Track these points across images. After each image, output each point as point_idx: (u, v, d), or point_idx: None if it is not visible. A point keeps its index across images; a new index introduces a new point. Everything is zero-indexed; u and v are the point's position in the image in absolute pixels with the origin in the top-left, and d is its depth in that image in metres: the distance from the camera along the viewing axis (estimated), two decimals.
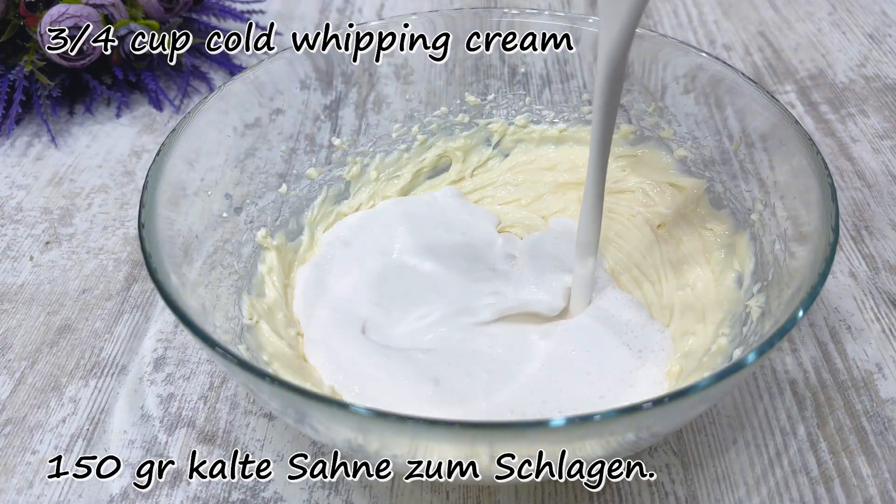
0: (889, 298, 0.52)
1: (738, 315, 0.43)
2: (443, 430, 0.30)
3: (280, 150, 0.52)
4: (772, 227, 0.44)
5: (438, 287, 0.48)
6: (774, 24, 0.80)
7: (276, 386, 0.32)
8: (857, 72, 0.73)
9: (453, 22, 0.54)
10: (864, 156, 0.63)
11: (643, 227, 0.51)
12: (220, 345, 0.33)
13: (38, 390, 0.47)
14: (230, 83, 0.48)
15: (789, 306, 0.36)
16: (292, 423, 0.36)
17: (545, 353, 0.44)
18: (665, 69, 0.51)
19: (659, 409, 0.31)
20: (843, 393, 0.46)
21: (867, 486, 0.42)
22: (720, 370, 0.32)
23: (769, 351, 0.33)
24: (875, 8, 0.82)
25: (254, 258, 0.48)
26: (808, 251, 0.38)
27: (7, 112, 0.66)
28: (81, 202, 0.61)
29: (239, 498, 0.42)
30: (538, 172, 0.56)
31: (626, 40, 0.36)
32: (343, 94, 0.54)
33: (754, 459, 0.43)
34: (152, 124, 0.69)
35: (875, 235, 0.56)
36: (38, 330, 0.51)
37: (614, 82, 0.38)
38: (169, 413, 0.46)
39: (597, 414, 0.30)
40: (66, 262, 0.56)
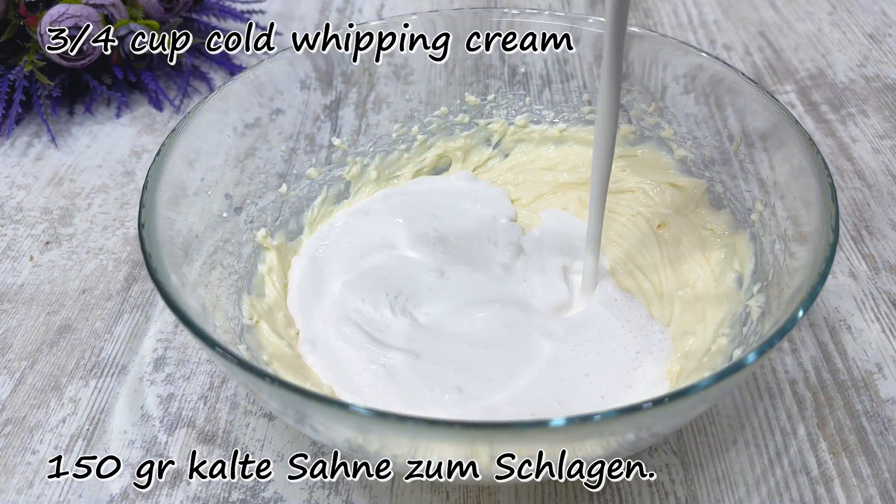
0: (889, 298, 0.52)
1: (738, 315, 0.43)
2: (443, 430, 0.30)
3: (280, 150, 0.52)
4: (772, 227, 0.44)
5: (439, 283, 0.48)
6: (774, 24, 0.80)
7: (276, 386, 0.32)
8: (858, 72, 0.73)
9: (453, 22, 0.54)
10: (864, 156, 0.63)
11: (643, 227, 0.51)
12: (220, 345, 0.33)
13: (38, 390, 0.47)
14: (230, 83, 0.48)
15: (789, 306, 0.36)
16: (292, 423, 0.36)
17: (546, 353, 0.44)
18: (665, 69, 0.51)
19: (659, 409, 0.31)
20: (843, 393, 0.46)
21: (867, 486, 0.42)
22: (720, 370, 0.32)
23: (769, 351, 0.33)
24: (875, 8, 0.82)
25: (254, 258, 0.48)
26: (808, 251, 0.38)
27: (7, 112, 0.66)
28: (81, 202, 0.61)
29: (239, 498, 0.42)
30: (538, 172, 0.56)
31: (618, 29, 0.37)
32: (343, 94, 0.54)
33: (754, 459, 0.43)
34: (152, 124, 0.69)
35: (875, 235, 0.56)
36: (38, 330, 0.51)
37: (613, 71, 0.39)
38: (169, 413, 0.46)
39: (597, 414, 0.30)
40: (66, 262, 0.56)
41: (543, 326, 0.45)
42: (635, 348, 0.44)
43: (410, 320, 0.46)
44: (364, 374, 0.43)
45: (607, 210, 0.53)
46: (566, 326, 0.45)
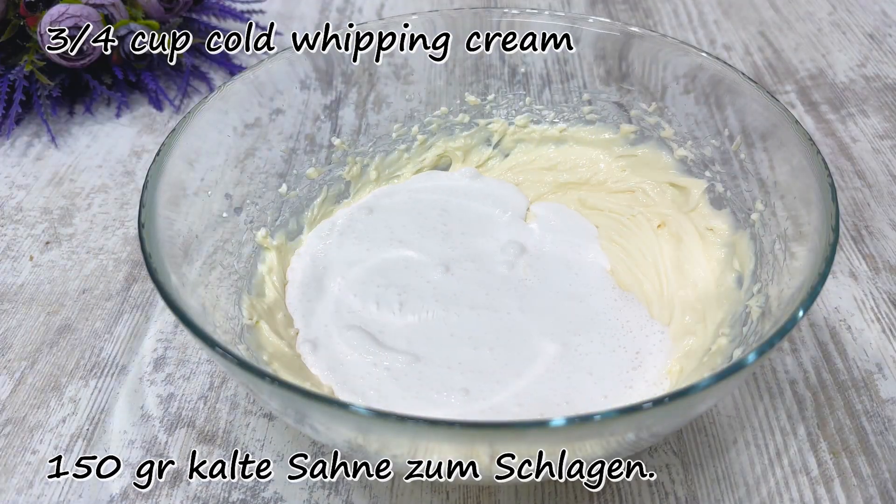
0: (889, 298, 0.52)
1: (738, 315, 0.42)
2: (442, 430, 0.30)
3: (280, 150, 0.51)
4: (772, 227, 0.44)
5: (443, 282, 0.48)
6: (775, 24, 0.80)
7: (276, 386, 0.32)
8: (858, 72, 0.73)
9: (453, 22, 0.54)
10: (865, 156, 0.63)
11: (643, 227, 0.51)
12: (220, 345, 0.33)
13: (38, 390, 0.47)
14: (230, 83, 0.48)
15: (789, 306, 0.36)
16: (292, 423, 0.36)
17: (551, 353, 0.44)
18: (665, 69, 0.51)
19: (659, 409, 0.31)
20: (844, 393, 0.46)
21: (867, 485, 0.42)
22: (720, 370, 0.32)
23: (769, 351, 0.33)
24: (875, 8, 0.82)
25: (254, 258, 0.48)
26: (808, 251, 0.38)
27: (7, 112, 0.66)
28: (81, 202, 0.61)
29: (239, 498, 0.42)
30: (538, 172, 0.56)
31: None
32: (343, 94, 0.54)
33: (754, 459, 0.43)
34: (152, 124, 0.69)
35: (875, 235, 0.56)
36: (37, 330, 0.51)
37: None
38: (169, 413, 0.46)
39: (597, 414, 0.30)
40: (66, 262, 0.56)
41: (545, 327, 0.45)
42: (635, 348, 0.44)
43: (415, 320, 0.46)
44: (368, 378, 0.43)
45: (607, 210, 0.53)
46: (567, 328, 0.45)
